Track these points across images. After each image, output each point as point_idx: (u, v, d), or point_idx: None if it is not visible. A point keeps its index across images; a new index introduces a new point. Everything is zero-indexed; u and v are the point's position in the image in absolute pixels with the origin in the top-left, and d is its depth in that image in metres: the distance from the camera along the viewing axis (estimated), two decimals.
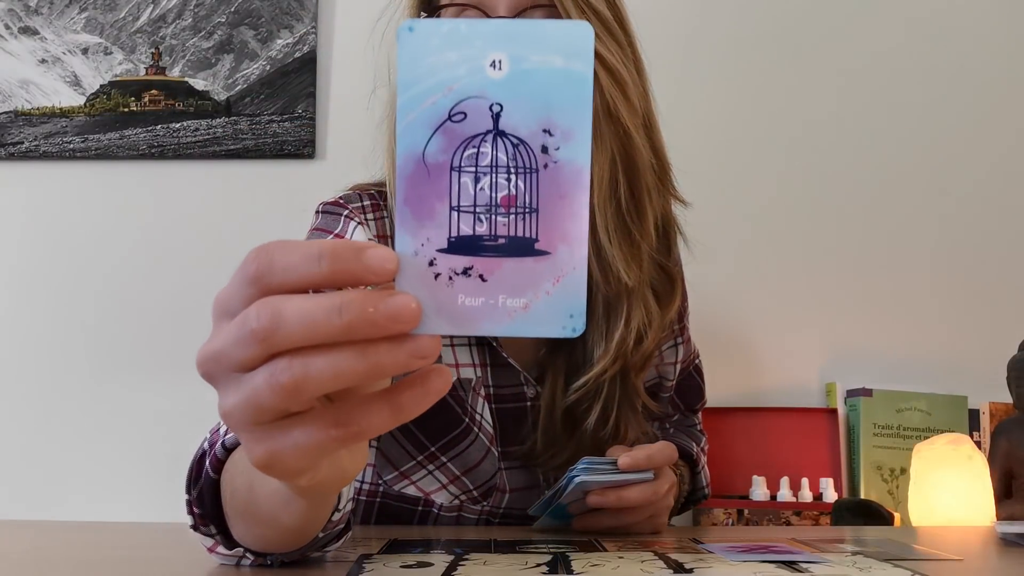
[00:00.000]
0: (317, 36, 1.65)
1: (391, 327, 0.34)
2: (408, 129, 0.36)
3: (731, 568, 0.56)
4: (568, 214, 0.36)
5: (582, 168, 0.36)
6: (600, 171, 0.82)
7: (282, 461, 0.37)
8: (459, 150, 0.36)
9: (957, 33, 1.62)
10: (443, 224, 0.35)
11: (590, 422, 0.87)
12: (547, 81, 0.36)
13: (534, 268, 0.35)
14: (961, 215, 1.60)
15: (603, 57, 0.81)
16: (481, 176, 0.36)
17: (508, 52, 0.35)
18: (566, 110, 0.36)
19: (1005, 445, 0.91)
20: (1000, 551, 0.73)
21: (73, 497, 1.58)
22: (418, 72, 0.35)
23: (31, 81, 1.67)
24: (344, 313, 0.33)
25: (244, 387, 0.36)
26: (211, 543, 0.58)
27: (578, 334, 0.35)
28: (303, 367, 0.34)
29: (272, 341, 0.34)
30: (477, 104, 0.36)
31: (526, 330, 0.35)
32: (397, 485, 0.88)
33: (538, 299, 0.35)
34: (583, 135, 0.36)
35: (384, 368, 0.34)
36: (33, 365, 1.62)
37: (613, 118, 0.81)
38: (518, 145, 0.36)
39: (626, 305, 0.86)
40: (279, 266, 0.35)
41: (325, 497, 0.49)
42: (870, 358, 1.56)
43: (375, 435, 0.36)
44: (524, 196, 0.36)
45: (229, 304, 0.36)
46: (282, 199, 1.62)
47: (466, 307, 0.35)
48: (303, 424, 0.36)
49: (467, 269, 0.35)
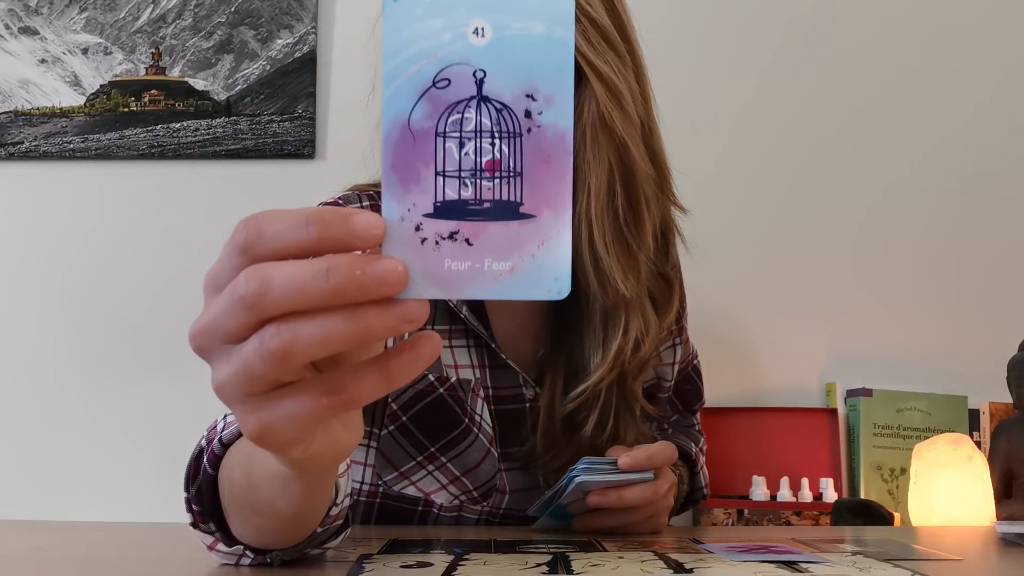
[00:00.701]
0: (317, 36, 1.65)
1: (378, 290, 0.34)
2: (393, 96, 0.36)
3: (731, 568, 0.56)
4: (552, 177, 0.36)
5: (565, 131, 0.36)
6: (597, 182, 0.81)
7: (275, 431, 0.37)
8: (444, 116, 0.36)
9: (958, 33, 1.62)
10: (429, 189, 0.36)
11: (588, 428, 0.87)
12: (529, 47, 0.36)
13: (519, 231, 0.36)
14: (961, 215, 1.60)
15: (598, 67, 0.80)
16: (466, 141, 0.36)
17: (490, 19, 0.36)
18: (548, 75, 0.36)
19: (1005, 445, 0.91)
20: (1000, 551, 0.73)
21: (73, 497, 1.58)
22: (402, 40, 0.36)
23: (31, 81, 1.67)
24: (331, 276, 0.34)
25: (235, 358, 0.36)
26: (211, 541, 0.58)
27: (563, 296, 0.36)
28: (292, 332, 0.34)
29: (261, 307, 0.34)
30: (461, 70, 0.36)
31: (512, 292, 0.36)
32: (397, 485, 0.88)
33: (523, 262, 0.36)
34: (565, 99, 0.36)
35: (373, 332, 0.35)
36: (33, 365, 1.62)
37: (608, 128, 0.81)
38: (502, 110, 0.36)
39: (624, 316, 0.86)
40: (267, 234, 0.35)
41: (321, 476, 0.49)
42: (870, 358, 1.56)
43: (367, 402, 0.37)
44: (508, 160, 0.36)
45: (219, 278, 0.37)
46: (282, 199, 1.62)
47: (452, 271, 0.36)
48: (295, 393, 0.36)
49: (453, 233, 0.36)
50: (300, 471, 0.45)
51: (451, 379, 0.87)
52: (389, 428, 0.87)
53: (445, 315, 0.89)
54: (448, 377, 0.87)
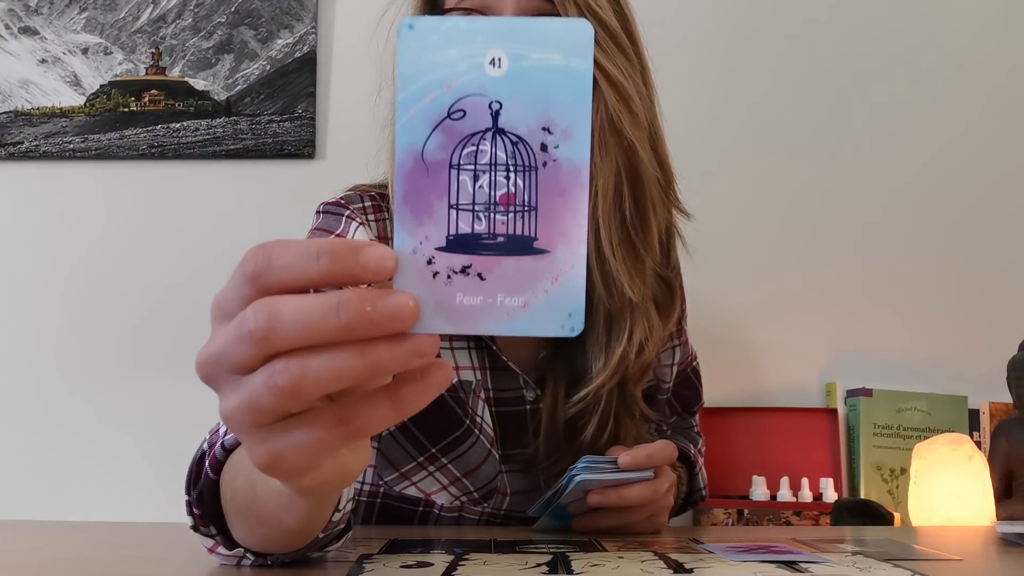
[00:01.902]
0: (317, 36, 1.65)
1: (389, 326, 0.34)
2: (407, 126, 0.35)
3: (731, 568, 0.56)
4: (567, 212, 0.36)
5: (581, 166, 0.36)
6: (604, 184, 0.81)
7: (284, 462, 0.37)
8: (458, 147, 0.35)
9: (958, 33, 1.62)
10: (442, 222, 0.35)
11: (588, 433, 0.87)
12: (546, 79, 0.35)
13: (533, 267, 0.35)
14: (961, 215, 1.60)
15: (607, 70, 0.80)
16: (480, 174, 0.36)
17: (507, 50, 0.35)
18: (565, 108, 0.35)
19: (1005, 445, 0.91)
20: (1000, 551, 0.73)
21: (73, 497, 1.58)
22: (418, 68, 0.35)
23: (31, 81, 1.67)
24: (342, 312, 0.33)
25: (243, 389, 0.35)
26: (211, 543, 0.58)
27: (576, 333, 0.35)
28: (301, 368, 0.34)
29: (269, 341, 0.34)
30: (476, 102, 0.35)
31: (525, 329, 0.35)
32: (398, 486, 0.88)
33: (537, 298, 0.35)
34: (582, 133, 0.36)
35: (383, 367, 0.34)
36: (33, 365, 1.62)
37: (617, 131, 0.81)
38: (517, 143, 0.36)
39: (629, 320, 0.85)
40: (277, 265, 0.35)
41: (328, 497, 0.49)
42: (870, 358, 1.56)
43: (377, 431, 0.36)
44: (523, 194, 0.36)
45: (227, 305, 0.36)
46: (282, 199, 1.62)
47: (465, 306, 0.35)
48: (304, 424, 0.36)
49: (466, 267, 0.35)
50: (307, 496, 0.45)
51: (452, 380, 0.87)
52: (390, 428, 0.87)
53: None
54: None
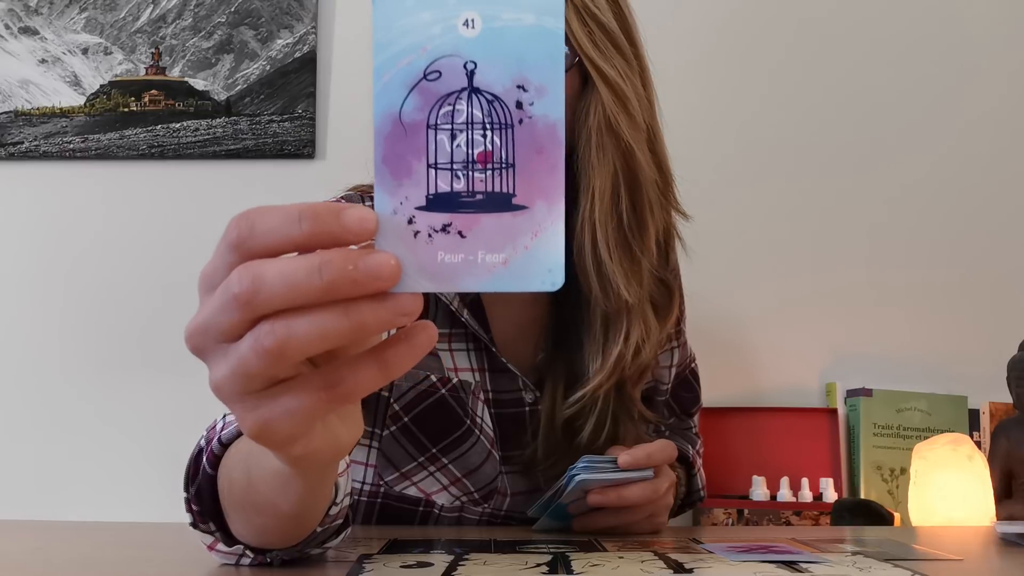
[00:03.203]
0: (317, 36, 1.65)
1: (371, 285, 0.34)
2: (384, 89, 0.36)
3: (731, 568, 0.56)
4: (544, 168, 0.36)
5: (556, 122, 0.36)
6: (601, 186, 0.81)
7: (274, 428, 0.37)
8: (435, 108, 0.36)
9: (957, 33, 1.62)
10: (421, 182, 0.36)
11: (585, 434, 0.87)
12: (519, 38, 0.36)
13: (512, 223, 0.36)
14: (961, 215, 1.60)
15: (605, 71, 0.80)
16: (457, 133, 0.36)
17: (480, 11, 0.36)
18: (539, 66, 0.36)
19: (1005, 445, 0.91)
20: (1000, 551, 0.73)
21: (74, 497, 1.58)
22: (393, 33, 0.36)
23: (31, 81, 1.67)
24: (324, 272, 0.34)
25: (231, 356, 0.36)
26: (211, 541, 0.58)
27: (556, 288, 0.36)
28: (287, 329, 0.34)
29: (254, 304, 0.34)
30: (451, 63, 0.36)
31: (506, 284, 0.36)
32: (398, 486, 0.88)
33: (517, 254, 0.36)
34: (556, 90, 0.36)
35: (367, 327, 0.35)
36: (33, 365, 1.62)
37: (614, 133, 0.81)
38: (493, 101, 0.36)
39: (625, 321, 0.86)
40: (259, 230, 0.35)
41: (321, 474, 0.49)
42: (870, 358, 1.56)
43: (365, 394, 0.37)
44: (500, 151, 0.36)
45: (213, 276, 0.37)
46: (282, 199, 1.60)
47: (446, 264, 0.35)
48: (292, 389, 0.37)
49: (446, 226, 0.36)
50: (300, 468, 0.45)
51: (453, 380, 0.87)
52: (391, 428, 0.87)
53: (445, 318, 0.89)
54: (450, 379, 0.87)
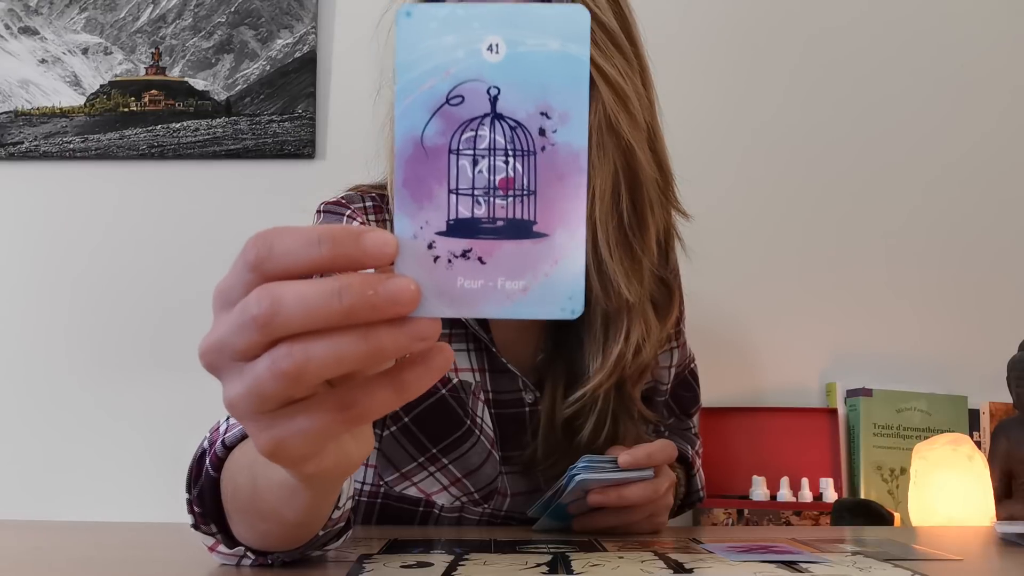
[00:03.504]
0: (317, 36, 1.65)
1: (391, 310, 0.34)
2: (406, 112, 0.36)
3: (731, 568, 0.56)
4: (566, 196, 0.36)
5: (579, 151, 0.36)
6: (601, 185, 0.81)
7: (288, 448, 0.37)
8: (457, 133, 0.36)
9: (955, 32, 1.62)
10: (442, 207, 0.36)
11: (585, 433, 0.87)
12: (544, 64, 0.36)
13: (532, 250, 0.36)
14: (961, 215, 1.60)
15: (605, 71, 0.80)
16: (479, 159, 0.36)
17: (505, 35, 0.36)
18: (563, 93, 0.36)
19: (1005, 445, 0.91)
20: (1000, 551, 0.73)
21: (73, 497, 1.58)
22: (416, 56, 0.36)
23: (31, 81, 1.67)
24: (344, 297, 0.33)
25: (247, 376, 0.36)
26: (212, 542, 0.58)
27: (576, 316, 0.36)
28: (304, 352, 0.34)
29: (272, 327, 0.34)
30: (475, 87, 0.36)
31: (526, 312, 0.36)
32: (398, 486, 0.88)
33: (537, 281, 0.36)
34: (580, 117, 0.36)
35: (385, 351, 0.35)
36: (33, 365, 1.62)
37: (615, 132, 0.81)
38: (516, 128, 0.36)
39: (626, 321, 0.86)
40: (278, 251, 0.35)
41: (330, 487, 0.49)
42: (870, 358, 1.56)
43: (379, 416, 0.37)
44: (522, 178, 0.36)
45: (230, 293, 0.37)
46: (282, 199, 1.62)
47: (465, 289, 0.36)
48: (307, 410, 0.36)
49: (466, 251, 0.36)
50: (310, 484, 0.45)
51: (453, 380, 0.87)
52: (391, 428, 0.87)
53: (445, 318, 0.89)
54: (450, 379, 0.87)
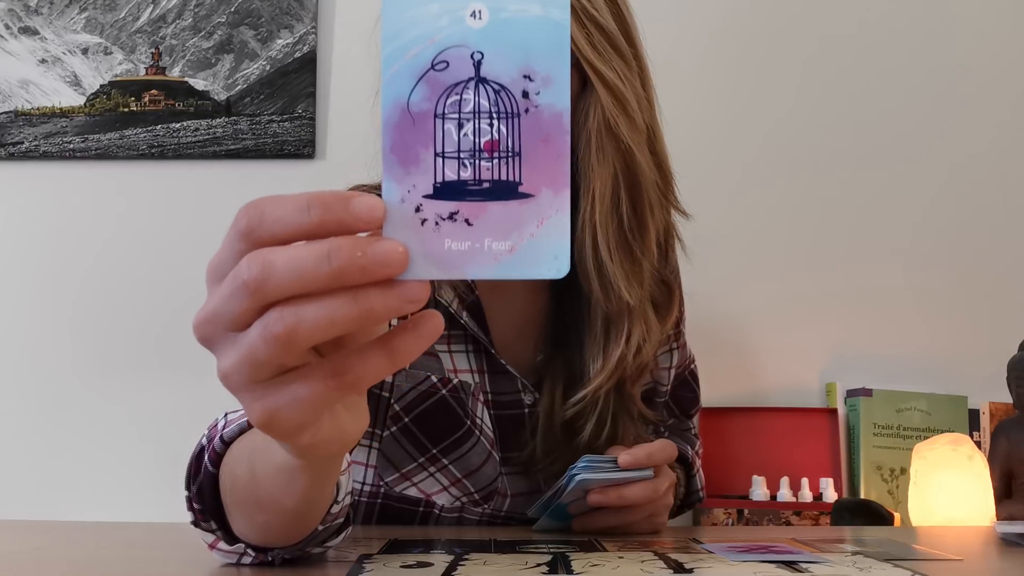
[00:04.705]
0: (317, 36, 1.65)
1: (380, 271, 0.34)
2: (393, 79, 0.37)
3: (731, 568, 0.56)
4: (550, 157, 0.37)
5: (562, 111, 0.37)
6: (601, 187, 0.81)
7: (282, 417, 0.37)
8: (442, 97, 0.37)
9: (957, 32, 1.62)
10: (428, 170, 0.36)
11: (586, 434, 0.87)
12: (526, 29, 0.37)
13: (518, 211, 0.36)
14: (961, 216, 1.60)
15: (604, 73, 0.80)
16: (464, 122, 0.37)
17: (487, 2, 0.37)
18: (545, 56, 0.37)
19: (1005, 445, 0.91)
20: (1000, 551, 0.73)
21: (73, 497, 1.58)
22: (401, 25, 0.37)
23: (31, 81, 1.67)
24: (333, 259, 0.34)
25: (240, 345, 0.36)
26: (212, 539, 0.58)
27: (562, 275, 0.36)
28: (295, 315, 0.35)
29: (264, 292, 0.35)
30: (459, 53, 0.37)
31: (512, 272, 0.36)
32: (398, 487, 0.88)
33: (523, 241, 0.36)
34: (562, 80, 0.37)
35: (375, 313, 0.35)
36: (33, 365, 1.62)
37: (614, 135, 0.81)
38: (499, 91, 0.37)
39: (627, 323, 0.86)
40: (269, 218, 0.36)
41: (327, 468, 0.49)
42: (870, 358, 1.56)
43: (373, 383, 0.37)
44: (507, 140, 0.37)
45: (222, 266, 0.37)
46: None
47: (453, 251, 0.36)
48: (300, 378, 0.37)
49: (453, 214, 0.36)
50: (307, 459, 0.45)
51: (453, 380, 0.87)
52: (391, 429, 0.87)
53: (445, 320, 0.89)
54: (450, 379, 0.87)
